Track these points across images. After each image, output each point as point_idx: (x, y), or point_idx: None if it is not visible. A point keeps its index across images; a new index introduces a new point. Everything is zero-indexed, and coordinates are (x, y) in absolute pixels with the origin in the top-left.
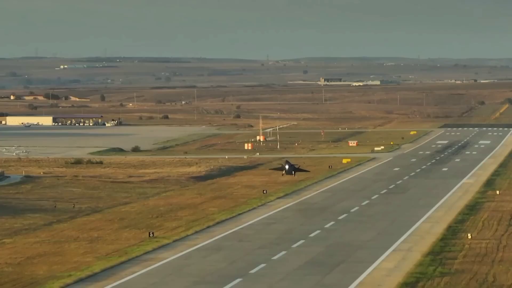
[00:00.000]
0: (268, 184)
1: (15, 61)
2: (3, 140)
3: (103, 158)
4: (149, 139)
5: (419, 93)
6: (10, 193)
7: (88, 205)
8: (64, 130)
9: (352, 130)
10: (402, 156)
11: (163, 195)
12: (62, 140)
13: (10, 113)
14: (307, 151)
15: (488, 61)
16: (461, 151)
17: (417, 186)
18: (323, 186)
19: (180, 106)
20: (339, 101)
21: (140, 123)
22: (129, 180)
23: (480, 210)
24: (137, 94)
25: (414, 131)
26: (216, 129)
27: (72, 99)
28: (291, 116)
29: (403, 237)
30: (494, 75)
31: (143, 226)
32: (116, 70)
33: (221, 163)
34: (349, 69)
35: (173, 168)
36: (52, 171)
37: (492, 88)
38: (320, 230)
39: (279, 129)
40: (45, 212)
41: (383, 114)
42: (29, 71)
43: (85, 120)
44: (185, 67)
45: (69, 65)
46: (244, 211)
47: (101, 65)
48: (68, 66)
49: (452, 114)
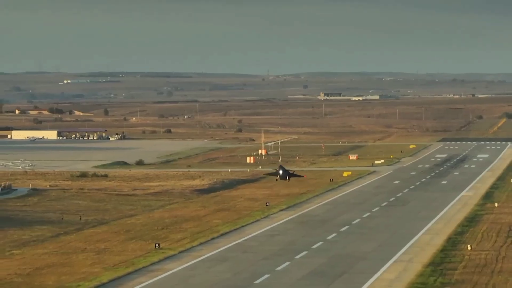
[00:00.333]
0: (270, 196)
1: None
2: (9, 153)
3: (108, 172)
4: (152, 153)
5: (418, 108)
6: (17, 205)
7: (94, 217)
8: (69, 144)
9: (352, 144)
10: (402, 169)
11: (168, 207)
12: (67, 153)
13: (15, 127)
14: (308, 165)
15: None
16: (460, 164)
17: (417, 198)
18: (325, 199)
19: (182, 120)
20: (339, 116)
21: (143, 137)
22: (134, 193)
23: (479, 222)
24: (140, 109)
25: (414, 145)
26: (218, 143)
27: (76, 114)
28: (292, 130)
29: (404, 248)
30: (492, 89)
31: (149, 238)
32: (118, 85)
33: (224, 176)
34: (348, 84)
35: (177, 181)
36: (58, 184)
37: (490, 102)
38: (322, 242)
39: (281, 143)
40: (52, 224)
41: (382, 128)
42: (33, 85)
43: (89, 134)
44: (187, 82)
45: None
46: (248, 223)
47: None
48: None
49: (450, 128)
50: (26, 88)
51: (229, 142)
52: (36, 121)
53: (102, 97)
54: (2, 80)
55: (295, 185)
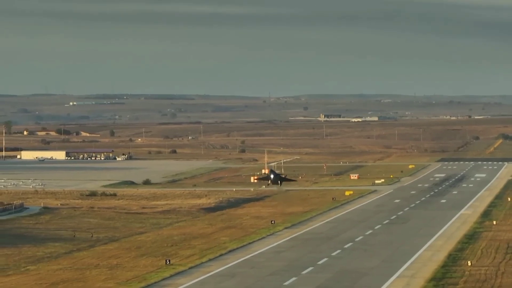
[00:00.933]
0: (275, 215)
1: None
2: (19, 173)
3: (116, 191)
4: (158, 172)
5: (416, 129)
6: (30, 223)
7: (105, 235)
8: (77, 164)
9: (353, 164)
10: (402, 188)
11: (176, 225)
12: (76, 173)
13: (24, 147)
14: (310, 184)
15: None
16: (458, 184)
17: (417, 217)
18: (328, 216)
19: (187, 141)
20: (339, 136)
21: (149, 157)
22: (142, 211)
23: (478, 239)
24: (145, 130)
25: (413, 165)
26: (223, 163)
27: (83, 135)
28: (294, 150)
29: (406, 264)
30: (488, 111)
31: (159, 254)
32: (123, 107)
33: (229, 195)
34: (347, 105)
35: (183, 200)
36: (68, 203)
37: (486, 124)
38: (327, 258)
39: (283, 163)
40: (65, 241)
41: (382, 148)
42: (39, 107)
43: (97, 155)
44: (190, 103)
45: (78, 101)
46: (254, 240)
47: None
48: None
49: (448, 148)
50: (33, 109)
51: (233, 162)
52: (44, 141)
53: (107, 118)
54: (9, 102)
55: (299, 203)
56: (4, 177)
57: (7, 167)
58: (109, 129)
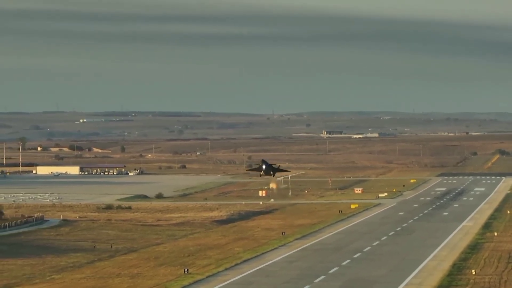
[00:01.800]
0: (284, 227)
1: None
2: (36, 187)
3: (131, 204)
4: (170, 187)
5: (415, 145)
6: (51, 235)
7: (124, 245)
8: (91, 179)
9: (356, 178)
10: (405, 202)
11: (191, 236)
12: (90, 187)
13: (39, 163)
14: (317, 198)
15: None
16: (458, 197)
17: (421, 228)
18: (336, 228)
19: (195, 156)
20: (342, 152)
21: (160, 172)
22: (158, 223)
23: (481, 249)
24: (154, 146)
25: (414, 179)
26: (231, 177)
27: (95, 150)
28: (299, 166)
29: (414, 273)
30: (484, 128)
31: (177, 264)
32: (131, 124)
33: (239, 208)
34: (348, 122)
35: (196, 212)
36: (86, 216)
37: (483, 140)
38: (338, 267)
39: (290, 178)
40: (86, 251)
41: (383, 164)
42: (51, 124)
43: (109, 170)
44: (196, 120)
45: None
46: (267, 251)
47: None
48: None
49: (447, 164)
50: (44, 126)
51: (241, 177)
52: (58, 157)
53: (117, 135)
54: (22, 119)
55: (307, 216)
56: (22, 191)
57: (24, 181)
58: (120, 145)
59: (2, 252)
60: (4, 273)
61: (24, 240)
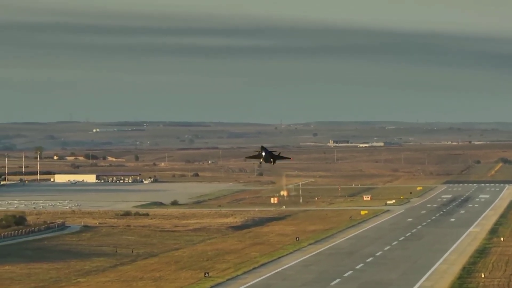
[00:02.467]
0: (298, 232)
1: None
2: (54, 195)
3: (148, 211)
4: (184, 194)
5: (420, 153)
6: (73, 240)
7: (144, 250)
8: (107, 187)
9: (364, 186)
10: (413, 208)
11: (208, 241)
12: (106, 195)
13: (56, 171)
14: (327, 205)
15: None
16: (464, 204)
17: (430, 234)
18: (348, 234)
19: (207, 165)
20: (349, 161)
21: (173, 180)
22: (175, 229)
23: (488, 254)
24: (166, 155)
25: (420, 187)
26: (243, 185)
27: (109, 159)
28: (308, 174)
29: (425, 276)
30: (486, 137)
31: (197, 268)
32: (143, 133)
33: (253, 214)
34: (354, 132)
35: (212, 219)
36: (106, 222)
37: (485, 148)
38: (352, 271)
39: (301, 185)
40: (108, 256)
41: (390, 172)
42: (65, 134)
43: (125, 178)
44: (206, 130)
45: (101, 128)
46: (283, 255)
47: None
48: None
49: (452, 172)
50: (59, 136)
51: (252, 184)
52: (74, 166)
53: (129, 144)
54: (37, 129)
55: (319, 222)
56: (42, 199)
57: (43, 189)
58: (133, 154)
59: (28, 256)
60: (32, 276)
61: (48, 245)
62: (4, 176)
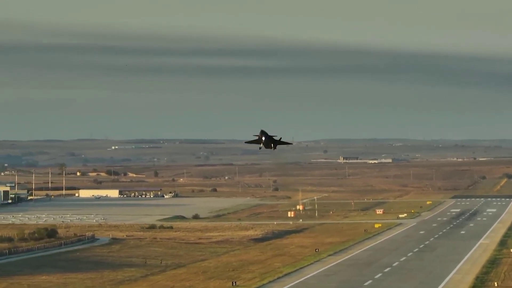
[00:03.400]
0: (316, 244)
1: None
2: (80, 209)
3: (171, 224)
4: (204, 208)
5: (428, 169)
6: (104, 251)
7: (172, 261)
8: (130, 201)
9: (376, 200)
10: (424, 222)
11: (232, 253)
12: (130, 209)
13: (79, 186)
14: (342, 218)
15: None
16: (473, 217)
17: (442, 245)
18: (364, 246)
19: (224, 180)
20: (360, 176)
21: (193, 195)
22: (199, 241)
23: (500, 264)
24: (185, 171)
25: (430, 201)
26: (259, 200)
27: (130, 175)
28: (321, 189)
29: (441, 285)
30: (490, 154)
31: (225, 277)
32: (160, 150)
33: (272, 227)
34: (363, 149)
35: (233, 231)
36: (133, 234)
37: (490, 165)
38: (371, 280)
39: (316, 200)
40: (138, 266)
41: (399, 187)
42: (85, 151)
43: (147, 193)
44: (220, 147)
45: (119, 146)
46: (304, 266)
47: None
48: (119, 147)
49: (459, 187)
50: (79, 153)
51: (269, 199)
52: (96, 181)
53: (147, 161)
54: (58, 146)
55: (335, 235)
56: (69, 213)
57: (68, 204)
58: (152, 170)
59: (63, 267)
60: (68, 286)
61: (80, 256)
62: (31, 191)
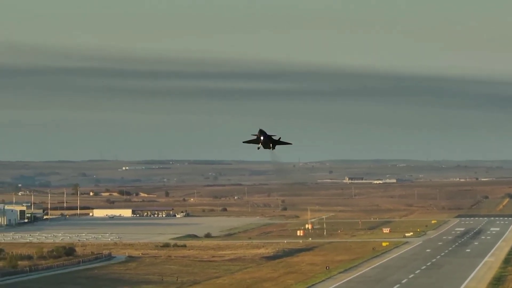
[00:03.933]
0: (327, 262)
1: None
2: (95, 228)
3: (184, 242)
4: (215, 227)
5: (431, 189)
6: (121, 269)
7: (188, 278)
8: (143, 220)
9: (382, 219)
10: (430, 240)
11: (245, 270)
12: (143, 228)
13: (93, 206)
14: (349, 237)
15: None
16: (477, 236)
17: (449, 263)
18: (373, 263)
19: (233, 200)
20: (366, 196)
21: (203, 214)
22: (213, 259)
23: (505, 281)
24: (195, 191)
25: (435, 220)
26: (269, 219)
27: (142, 195)
28: (328, 208)
29: None
30: (491, 174)
31: None
32: (169, 171)
33: (283, 246)
34: (367, 169)
35: (245, 250)
36: (148, 253)
37: (492, 185)
38: None
39: (325, 219)
40: (155, 284)
41: (404, 206)
42: (96, 172)
43: (159, 212)
44: (228, 168)
45: (129, 166)
46: (316, 283)
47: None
48: (129, 168)
49: (462, 206)
50: (90, 174)
51: (278, 218)
52: (109, 201)
53: (157, 181)
54: (70, 167)
55: (344, 253)
56: (84, 231)
57: (83, 223)
58: (163, 191)
59: (82, 284)
60: None
61: (98, 274)
62: (47, 210)
